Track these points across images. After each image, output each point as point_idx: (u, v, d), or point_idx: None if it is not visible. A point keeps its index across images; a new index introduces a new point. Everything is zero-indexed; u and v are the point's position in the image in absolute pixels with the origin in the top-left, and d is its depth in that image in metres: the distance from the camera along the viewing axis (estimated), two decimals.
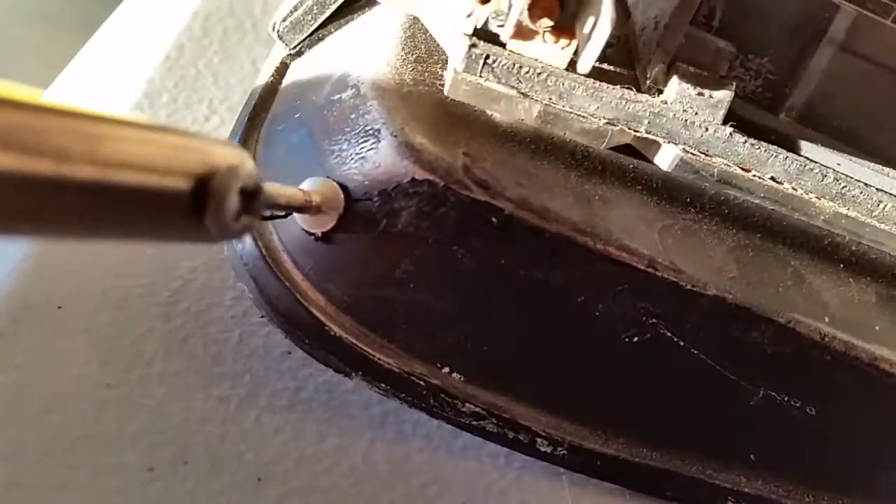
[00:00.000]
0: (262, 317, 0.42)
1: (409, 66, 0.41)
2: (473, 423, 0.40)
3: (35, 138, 0.18)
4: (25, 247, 0.43)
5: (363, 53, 0.43)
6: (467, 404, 0.39)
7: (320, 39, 0.47)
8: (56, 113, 0.19)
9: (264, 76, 0.48)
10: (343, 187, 0.37)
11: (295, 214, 0.37)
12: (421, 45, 0.43)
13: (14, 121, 0.18)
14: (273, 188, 0.31)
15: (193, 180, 0.22)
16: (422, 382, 0.39)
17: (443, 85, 0.40)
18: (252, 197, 0.26)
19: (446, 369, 0.39)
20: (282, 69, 0.48)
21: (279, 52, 0.49)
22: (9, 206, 0.18)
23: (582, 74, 0.38)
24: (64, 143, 0.19)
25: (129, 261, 0.44)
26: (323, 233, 0.38)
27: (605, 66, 0.41)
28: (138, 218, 0.22)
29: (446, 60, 0.41)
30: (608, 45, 0.41)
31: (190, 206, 0.23)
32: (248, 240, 0.40)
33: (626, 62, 0.42)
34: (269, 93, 0.47)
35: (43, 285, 0.41)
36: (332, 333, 0.38)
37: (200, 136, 0.24)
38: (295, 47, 0.48)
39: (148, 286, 0.43)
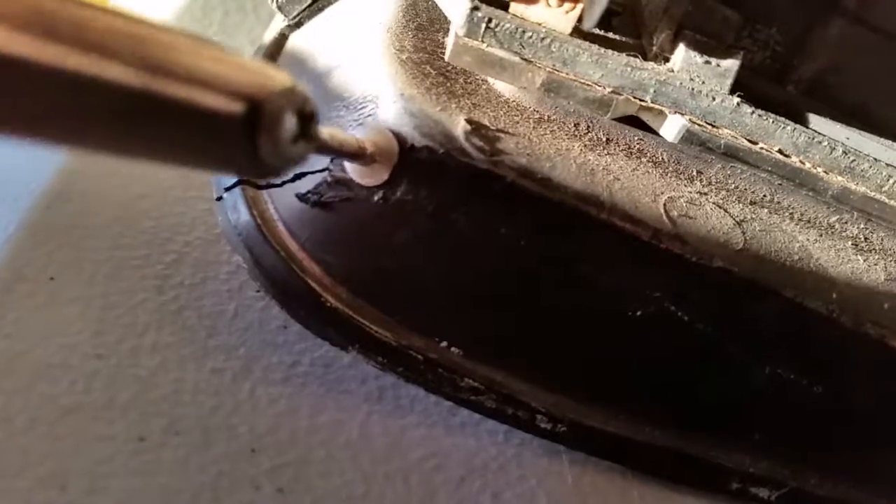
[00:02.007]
0: (258, 290, 0.42)
1: (410, 33, 0.40)
2: (472, 398, 0.39)
3: (74, 29, 0.17)
4: (18, 217, 0.42)
5: (363, 21, 0.42)
6: (466, 379, 0.38)
7: (320, 10, 0.46)
8: (101, 9, 0.18)
9: (263, 47, 0.47)
10: (398, 137, 0.35)
11: (347, 165, 0.36)
12: (422, 14, 0.42)
13: (51, 6, 0.17)
14: (327, 130, 0.30)
15: (247, 101, 0.21)
16: (419, 356, 0.38)
17: (444, 52, 0.39)
18: (309, 121, 0.24)
19: (444, 343, 0.38)
20: (280, 40, 0.47)
21: (278, 23, 0.48)
22: (48, 103, 0.17)
23: (587, 40, 0.37)
24: (107, 40, 0.18)
25: (124, 233, 0.43)
26: (378, 185, 0.36)
27: (610, 34, 0.40)
28: (187, 137, 0.21)
29: (448, 29, 0.40)
30: (614, 13, 0.40)
31: (243, 128, 0.21)
32: (242, 209, 0.39)
33: (632, 32, 0.41)
34: (265, 61, 0.46)
35: (35, 257, 0.41)
36: (329, 305, 0.38)
37: (254, 60, 0.23)
38: (294, 18, 0.47)
39: (142, 258, 0.43)
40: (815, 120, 0.40)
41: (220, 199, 0.40)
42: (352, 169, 0.36)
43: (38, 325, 0.38)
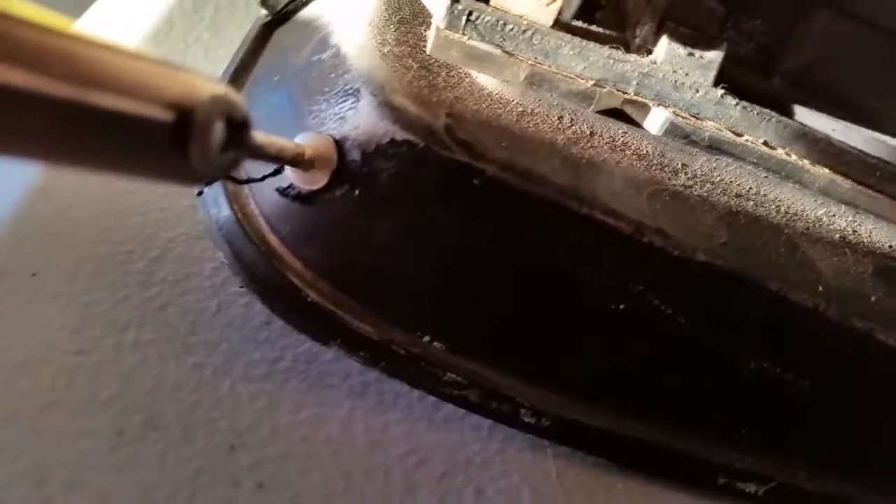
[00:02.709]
0: (241, 287, 0.41)
1: (392, 26, 0.40)
2: (455, 392, 0.39)
3: (8, 46, 0.17)
4: (1, 214, 0.42)
5: (345, 15, 0.42)
6: (448, 374, 0.38)
7: (303, 4, 0.46)
8: (35, 27, 0.18)
9: (247, 41, 0.47)
10: (337, 143, 0.36)
11: (287, 170, 0.36)
12: (405, 7, 0.42)
13: None
14: (264, 137, 0.30)
15: (176, 110, 0.21)
16: (402, 351, 0.38)
17: (426, 46, 0.39)
18: (239, 129, 0.24)
19: (427, 338, 0.38)
20: (265, 34, 0.47)
21: (263, 18, 0.48)
22: None
23: (569, 33, 0.37)
24: (40, 56, 0.18)
25: (108, 229, 0.43)
26: (315, 191, 0.36)
27: (593, 27, 0.40)
28: (118, 146, 0.21)
29: (430, 22, 0.40)
30: (598, 6, 0.40)
31: (172, 137, 0.21)
32: (223, 204, 0.39)
33: (615, 25, 0.41)
34: (251, 56, 0.45)
35: (18, 253, 0.41)
36: (310, 299, 0.37)
37: (184, 69, 0.23)
38: (278, 13, 0.47)
39: (125, 255, 0.42)
40: (801, 112, 0.40)
41: (200, 194, 0.40)
42: (291, 173, 0.36)
43: (20, 321, 0.38)
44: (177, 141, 0.21)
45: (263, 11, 0.47)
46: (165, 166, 0.23)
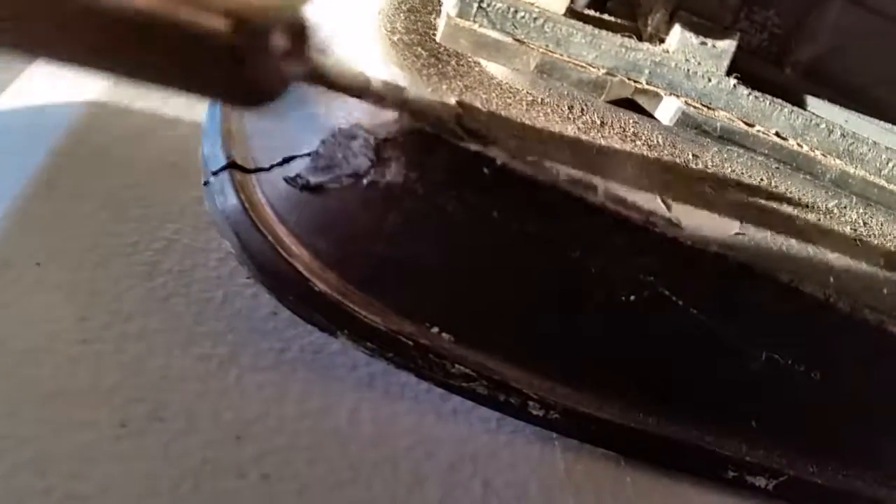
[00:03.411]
0: (248, 277, 0.41)
1: (402, 14, 0.40)
2: (463, 384, 0.38)
3: None
4: (6, 204, 0.42)
5: (354, 3, 0.41)
6: (457, 365, 0.38)
7: None
8: None
9: None
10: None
11: (350, 103, 0.34)
12: None
13: None
14: (332, 60, 0.28)
15: (235, 18, 0.20)
16: (410, 342, 0.37)
17: (436, 34, 0.38)
18: (300, 37, 0.23)
19: (435, 329, 0.38)
20: None
21: None
22: (45, 17, 0.17)
23: (581, 21, 0.36)
24: None
25: (113, 220, 0.43)
26: (386, 137, 0.35)
27: (605, 16, 0.40)
28: (172, 56, 0.21)
29: (440, 10, 0.39)
30: None
31: (231, 46, 0.21)
32: (230, 193, 0.38)
33: (627, 14, 0.41)
34: None
35: (22, 243, 0.40)
36: (317, 290, 0.37)
37: None
38: None
39: (130, 246, 0.42)
40: (813, 102, 0.40)
41: (206, 183, 0.39)
42: (361, 110, 0.34)
43: (23, 311, 0.37)
44: (236, 51, 0.21)
45: None
46: (225, 78, 0.22)
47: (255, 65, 0.21)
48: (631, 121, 0.39)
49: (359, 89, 0.32)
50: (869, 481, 0.43)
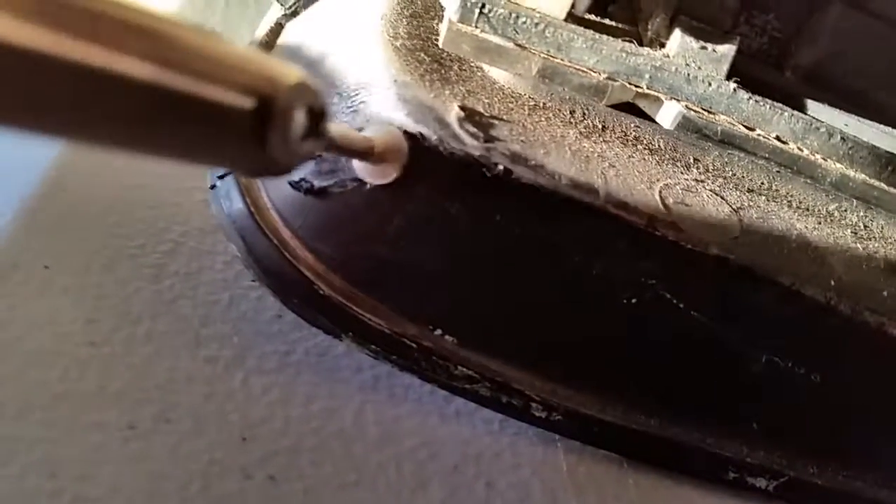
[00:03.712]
0: (253, 280, 0.41)
1: (405, 20, 0.40)
2: (466, 386, 0.39)
3: (86, 20, 0.16)
4: (15, 207, 0.42)
5: (357, 9, 0.42)
6: (460, 367, 0.38)
7: None
8: (114, 2, 0.17)
9: (258, 36, 0.47)
10: (409, 136, 0.35)
11: (355, 163, 0.35)
12: (417, 1, 0.42)
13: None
14: (336, 127, 0.29)
15: (257, 97, 0.21)
16: (413, 345, 0.38)
17: (438, 39, 0.39)
18: (319, 118, 0.24)
19: (439, 331, 0.38)
20: (276, 29, 0.47)
21: (275, 12, 0.48)
22: (55, 95, 0.17)
23: (582, 26, 0.37)
24: (119, 33, 0.17)
25: (120, 223, 0.43)
26: (387, 184, 0.36)
27: (606, 21, 0.40)
28: (196, 132, 0.21)
29: (443, 16, 0.40)
30: (611, 0, 0.40)
31: (253, 125, 0.21)
32: (236, 197, 0.39)
33: (628, 20, 0.41)
34: (263, 51, 0.45)
35: (31, 246, 0.41)
36: (322, 293, 0.37)
37: (265, 55, 0.23)
38: (290, 7, 0.47)
39: (138, 248, 0.42)
40: (813, 106, 0.40)
41: (213, 187, 0.40)
42: (360, 167, 0.35)
43: (32, 313, 0.38)
44: (257, 128, 0.21)
45: (277, 5, 0.47)
46: (243, 154, 0.22)
47: (276, 142, 0.22)
48: (632, 125, 0.39)
49: (365, 152, 0.33)
50: (869, 483, 0.43)
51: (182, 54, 0.19)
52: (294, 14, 0.47)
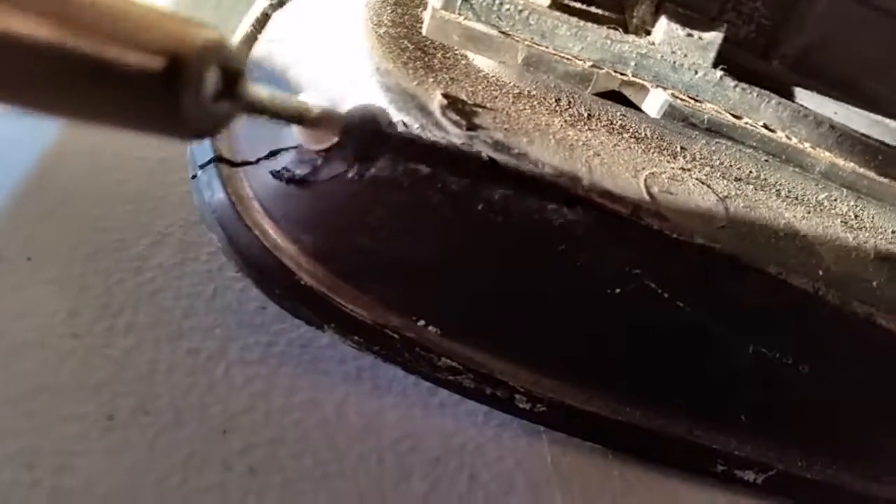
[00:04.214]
0: (238, 272, 0.41)
1: (389, 8, 0.40)
2: (450, 378, 0.38)
3: None
4: None
5: None
6: (443, 358, 0.38)
7: None
8: None
9: (244, 27, 0.46)
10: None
11: (294, 129, 0.35)
12: None
13: None
14: (265, 92, 0.29)
15: (167, 57, 0.20)
16: (396, 335, 0.37)
17: (422, 27, 0.38)
18: (234, 78, 0.24)
19: (422, 322, 0.38)
20: (263, 19, 0.46)
21: (262, 2, 0.47)
22: None
23: (567, 13, 0.36)
24: None
25: (104, 216, 0.43)
26: (323, 150, 0.35)
27: (592, 9, 0.39)
28: (106, 94, 0.20)
29: (427, 5, 0.39)
30: None
31: (163, 84, 0.21)
32: (217, 187, 0.39)
33: (614, 7, 0.40)
34: (248, 42, 0.45)
35: (14, 238, 0.40)
36: (304, 283, 0.37)
37: (178, 15, 0.23)
38: None
39: (121, 240, 0.42)
40: (802, 95, 0.40)
41: (194, 177, 0.40)
42: (299, 132, 0.35)
43: (14, 305, 0.37)
44: (168, 89, 0.21)
45: None
46: (157, 116, 0.22)
47: (189, 103, 0.21)
48: (618, 113, 0.39)
49: (298, 116, 0.32)
50: (858, 475, 0.43)
51: (85, 14, 0.19)
52: (281, 4, 0.46)
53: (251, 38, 0.46)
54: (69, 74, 0.19)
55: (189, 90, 0.21)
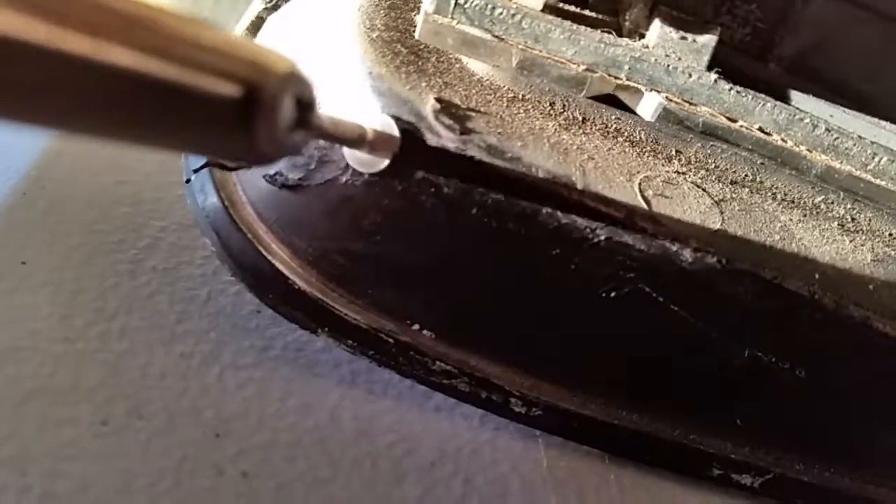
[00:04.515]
0: (233, 276, 0.41)
1: (382, 11, 0.40)
2: (445, 382, 0.38)
3: (74, 9, 0.16)
4: None
5: (336, 2, 0.41)
6: (438, 362, 0.38)
7: None
8: None
9: (240, 30, 0.46)
10: (401, 124, 0.34)
11: (345, 151, 0.35)
12: None
13: None
14: (327, 116, 0.28)
15: (245, 85, 0.20)
16: (391, 339, 0.37)
17: (416, 31, 0.38)
18: (308, 108, 0.24)
19: (416, 326, 0.38)
20: (258, 23, 0.46)
21: (257, 5, 0.47)
22: (44, 85, 0.17)
23: (560, 17, 0.36)
24: (106, 22, 0.17)
25: (98, 219, 0.43)
26: (376, 174, 0.35)
27: (585, 12, 0.39)
28: (183, 121, 0.20)
29: (421, 8, 0.39)
30: None
31: (240, 113, 0.21)
32: (210, 191, 0.39)
33: (608, 10, 0.40)
34: None
35: (8, 241, 0.40)
36: (297, 288, 0.37)
37: (253, 43, 0.22)
38: (271, 1, 0.46)
39: (116, 244, 0.42)
40: (797, 97, 0.40)
41: (188, 181, 0.40)
42: (350, 156, 0.35)
43: (7, 309, 0.37)
44: (244, 117, 0.21)
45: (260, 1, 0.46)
46: (230, 144, 0.22)
47: (263, 132, 0.21)
48: (613, 117, 0.39)
49: (357, 140, 0.32)
50: (855, 479, 0.43)
51: (167, 42, 0.19)
52: (275, 7, 0.46)
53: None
54: (149, 101, 0.19)
55: (265, 119, 0.21)
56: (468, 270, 0.37)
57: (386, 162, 0.34)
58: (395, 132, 0.34)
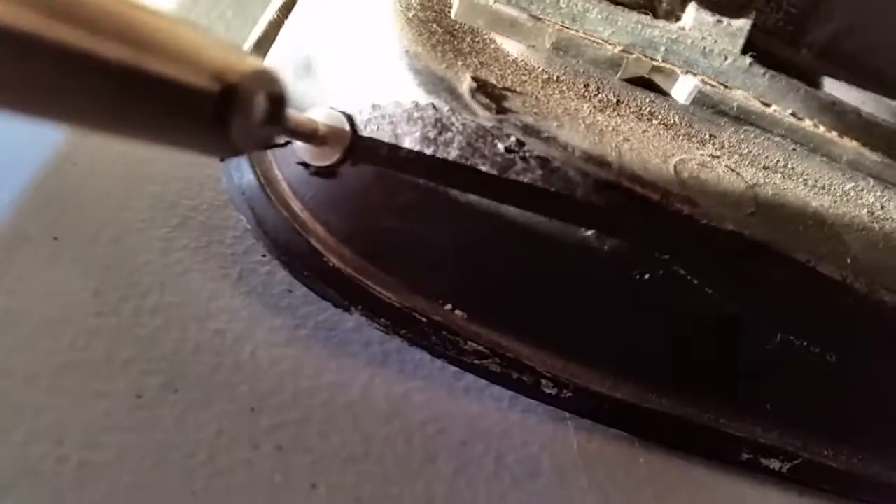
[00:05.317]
0: (264, 255, 0.41)
1: None
2: (476, 362, 0.38)
3: (66, 5, 0.17)
4: (24, 179, 0.42)
5: None
6: (470, 343, 0.38)
7: None
8: None
9: (271, 12, 0.46)
10: (349, 119, 0.35)
11: (297, 144, 0.36)
12: None
13: None
14: (293, 113, 0.30)
15: (222, 81, 0.22)
16: (423, 319, 0.37)
17: (451, 11, 0.38)
18: (279, 105, 0.25)
19: (449, 306, 0.38)
20: (289, 4, 0.47)
21: None
22: (40, 75, 0.17)
23: None
24: (97, 16, 0.18)
25: (130, 196, 0.43)
26: (322, 167, 0.36)
27: None
28: (161, 114, 0.21)
29: None
30: None
31: (217, 107, 0.22)
32: (246, 169, 0.39)
33: None
34: (274, 27, 0.45)
35: (40, 217, 0.40)
36: (331, 265, 0.37)
37: (232, 43, 0.23)
38: None
39: (147, 221, 0.42)
40: (829, 83, 0.40)
41: (223, 159, 0.40)
42: (302, 149, 0.35)
43: (41, 284, 0.37)
44: (220, 112, 0.22)
45: None
46: (204, 137, 0.23)
47: (238, 127, 0.22)
48: (647, 100, 0.39)
49: (310, 134, 0.33)
50: (885, 465, 0.43)
51: (154, 37, 0.20)
52: None
53: (277, 23, 0.46)
54: (136, 92, 0.20)
55: (240, 114, 0.22)
56: (501, 251, 0.37)
57: (337, 156, 0.35)
58: (346, 127, 0.35)
